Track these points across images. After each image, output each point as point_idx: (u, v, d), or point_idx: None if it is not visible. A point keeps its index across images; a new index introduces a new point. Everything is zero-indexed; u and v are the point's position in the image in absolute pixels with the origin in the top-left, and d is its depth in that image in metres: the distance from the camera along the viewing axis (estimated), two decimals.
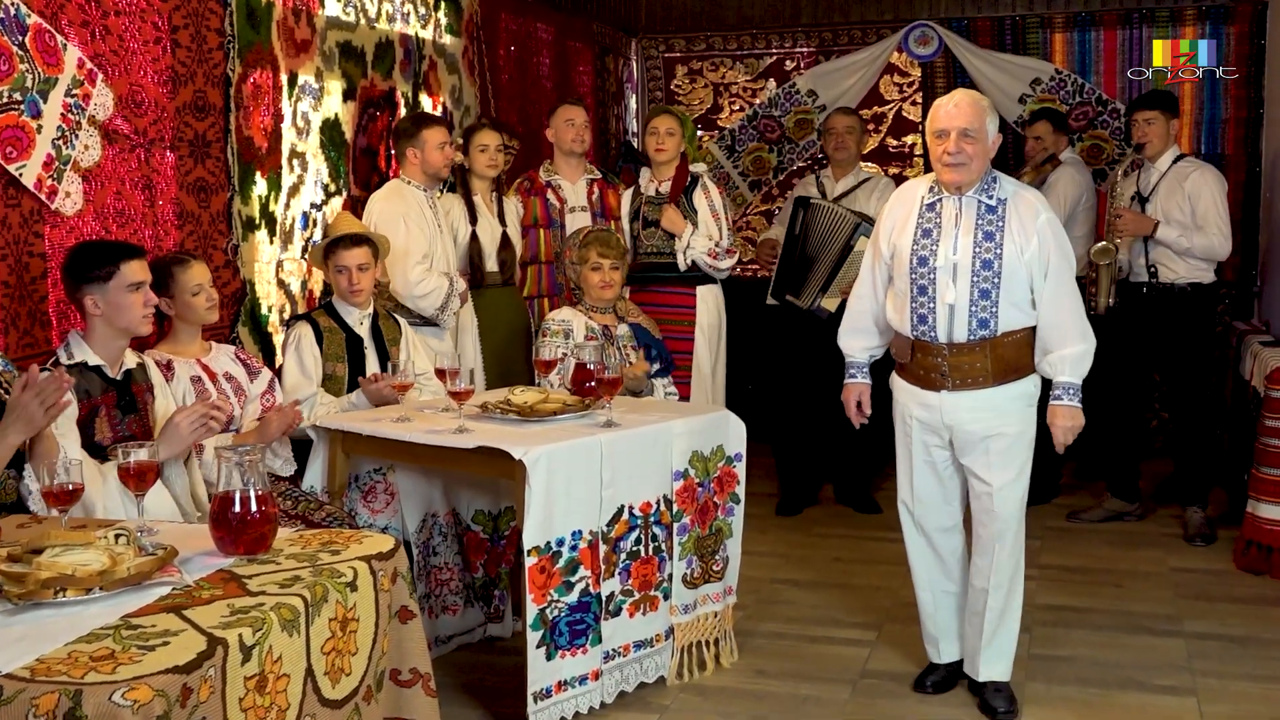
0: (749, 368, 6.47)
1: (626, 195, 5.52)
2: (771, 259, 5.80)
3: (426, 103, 5.42)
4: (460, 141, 5.17)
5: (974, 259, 3.48)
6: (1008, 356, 3.52)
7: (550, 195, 5.33)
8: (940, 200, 3.55)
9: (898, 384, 3.72)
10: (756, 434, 4.22)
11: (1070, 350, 3.50)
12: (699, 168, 5.51)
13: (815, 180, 5.92)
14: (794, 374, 5.80)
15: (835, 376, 5.69)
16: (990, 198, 3.51)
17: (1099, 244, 5.37)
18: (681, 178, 5.40)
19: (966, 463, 3.61)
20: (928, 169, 7.13)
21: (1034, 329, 3.54)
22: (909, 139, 7.31)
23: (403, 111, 5.21)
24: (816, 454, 5.95)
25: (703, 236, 5.32)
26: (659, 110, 5.59)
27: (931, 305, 3.52)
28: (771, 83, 7.43)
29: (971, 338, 3.50)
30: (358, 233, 4.23)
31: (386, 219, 4.62)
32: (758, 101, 7.40)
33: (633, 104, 7.73)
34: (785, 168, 7.27)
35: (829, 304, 5.55)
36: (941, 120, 3.48)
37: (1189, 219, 5.25)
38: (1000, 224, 3.49)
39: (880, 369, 3.85)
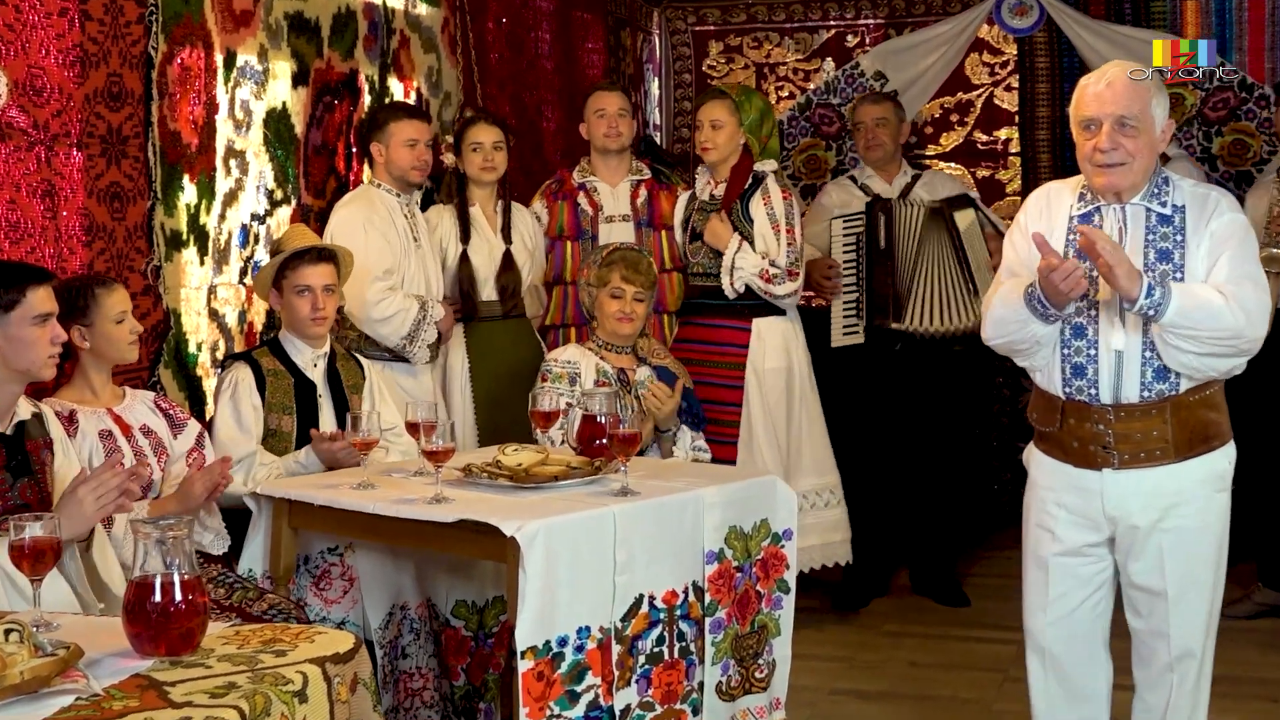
0: None
1: (681, 200, 5.54)
2: (831, 286, 5.80)
3: (397, 88, 5.47)
4: (450, 140, 5.22)
5: None
6: (1195, 421, 3.37)
7: (582, 200, 5.38)
8: (1097, 210, 3.41)
9: (1038, 460, 3.56)
10: None
11: (1217, 297, 3.23)
12: (767, 165, 5.40)
13: (855, 184, 5.96)
14: (860, 430, 5.80)
15: (912, 430, 5.83)
16: (1164, 204, 3.37)
17: (1268, 250, 5.37)
18: (739, 179, 5.34)
19: (1130, 567, 3.44)
20: (1026, 174, 7.21)
21: (1224, 383, 3.39)
22: (1002, 133, 7.33)
23: (367, 99, 5.26)
24: (888, 531, 5.94)
25: (754, 254, 5.25)
26: (709, 94, 5.57)
27: (1092, 353, 3.38)
28: (829, 63, 7.47)
29: (1147, 395, 3.35)
30: (323, 246, 4.28)
31: (345, 228, 4.67)
32: (811, 86, 7.44)
33: (654, 89, 7.77)
34: (846, 169, 7.28)
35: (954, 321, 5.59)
36: (1089, 106, 3.33)
37: None
38: (1179, 238, 3.34)
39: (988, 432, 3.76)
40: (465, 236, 5.06)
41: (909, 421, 5.78)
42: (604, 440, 3.78)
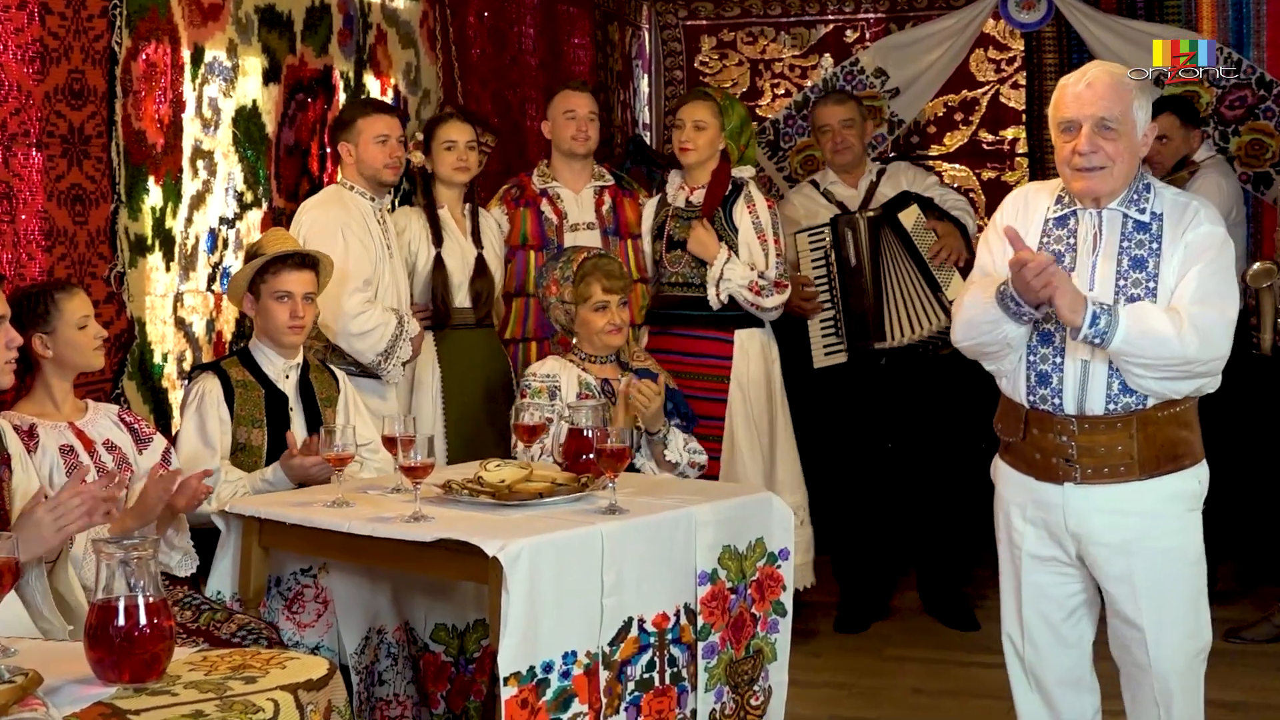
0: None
1: (650, 206, 5.55)
2: (812, 308, 5.81)
3: (374, 86, 5.48)
4: (420, 138, 5.22)
5: (1117, 295, 3.36)
6: (1164, 438, 3.40)
7: (545, 207, 5.37)
8: (1073, 214, 3.46)
9: (1003, 472, 3.61)
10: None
11: (1167, 325, 3.24)
12: (745, 171, 5.49)
13: (818, 191, 5.97)
14: (855, 443, 5.80)
15: (911, 442, 5.82)
16: (1142, 211, 3.40)
17: (1257, 265, 5.40)
18: (719, 185, 5.39)
19: (1107, 591, 3.48)
20: (1034, 175, 7.23)
21: (1198, 399, 3.42)
22: (1009, 133, 7.36)
23: (342, 97, 5.26)
24: (886, 548, 5.94)
25: (742, 264, 5.30)
26: (692, 94, 5.60)
27: (1058, 361, 3.42)
28: (827, 59, 7.50)
29: (1112, 408, 3.38)
30: (307, 252, 4.28)
31: (320, 231, 4.65)
32: (809, 84, 7.46)
33: (644, 87, 7.79)
34: None
35: (924, 322, 5.58)
36: (1069, 107, 3.38)
37: None
38: (1155, 246, 3.38)
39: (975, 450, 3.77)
40: (438, 239, 5.04)
41: (903, 437, 5.79)
42: (591, 455, 3.78)
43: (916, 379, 5.74)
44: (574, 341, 4.65)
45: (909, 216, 5.67)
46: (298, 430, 4.19)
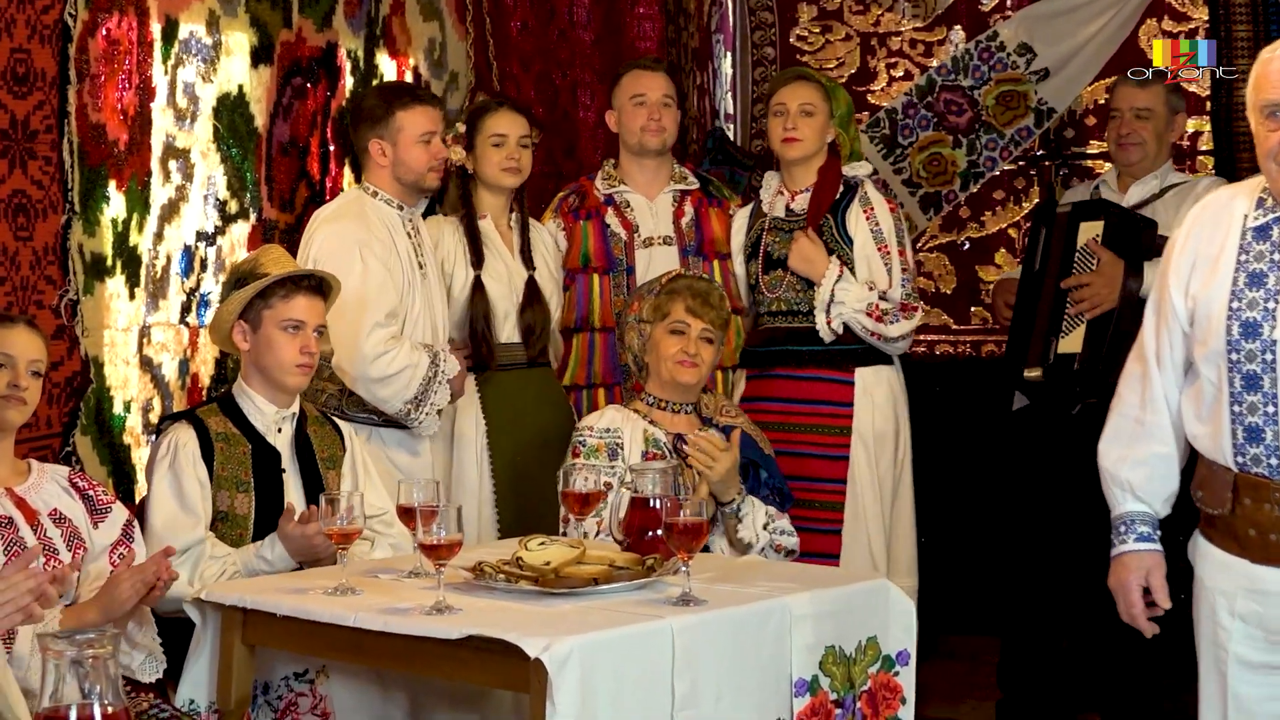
0: (924, 504, 6.45)
1: (740, 218, 5.54)
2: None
3: (388, 67, 5.51)
4: (461, 130, 5.22)
5: None
6: None
7: (611, 218, 5.38)
8: (1276, 222, 3.44)
9: (1205, 554, 3.56)
10: (935, 618, 4.15)
11: None
12: (859, 169, 5.46)
13: (1095, 190, 5.89)
14: (1038, 514, 5.63)
15: (1084, 522, 5.64)
16: None
17: None
18: (830, 186, 5.36)
19: None
20: (1224, 176, 7.17)
21: None
22: (1190, 124, 7.31)
23: (349, 81, 5.29)
24: (1049, 654, 5.83)
25: (857, 284, 5.26)
26: (790, 75, 5.57)
27: (1269, 410, 3.38)
28: (957, 33, 7.50)
29: None
30: (322, 274, 4.30)
31: (332, 251, 4.66)
32: (934, 64, 7.45)
33: (726, 68, 7.81)
34: (982, 172, 7.27)
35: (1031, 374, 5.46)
36: (1273, 86, 3.35)
37: None
38: None
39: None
40: (478, 259, 5.03)
41: (1081, 510, 5.63)
42: (659, 531, 3.78)
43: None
44: (642, 381, 4.66)
45: (1089, 230, 5.50)
46: (293, 495, 4.21)
